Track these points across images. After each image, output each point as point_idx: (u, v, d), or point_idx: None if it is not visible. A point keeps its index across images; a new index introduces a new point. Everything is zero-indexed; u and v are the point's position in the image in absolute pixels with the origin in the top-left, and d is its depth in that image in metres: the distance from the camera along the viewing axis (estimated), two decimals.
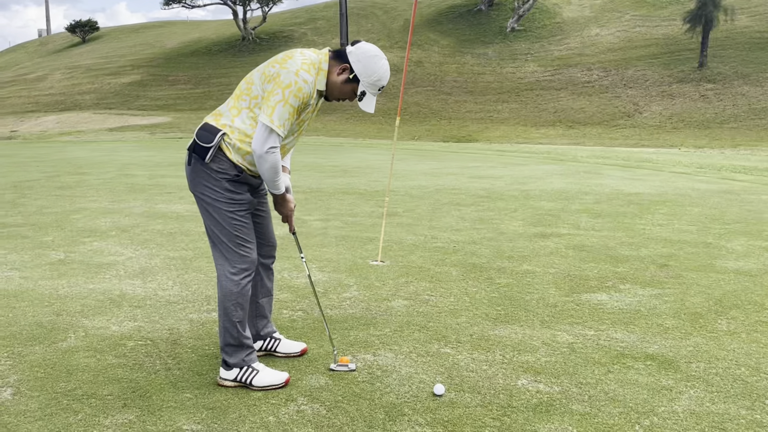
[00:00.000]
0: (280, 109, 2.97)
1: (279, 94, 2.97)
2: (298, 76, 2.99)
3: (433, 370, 3.43)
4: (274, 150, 3.01)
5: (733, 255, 5.77)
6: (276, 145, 3.01)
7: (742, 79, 31.83)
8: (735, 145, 23.65)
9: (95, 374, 3.36)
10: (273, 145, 3.00)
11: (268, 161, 3.02)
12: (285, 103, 2.97)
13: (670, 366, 3.47)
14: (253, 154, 3.02)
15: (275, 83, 2.99)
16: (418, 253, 5.91)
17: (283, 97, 2.97)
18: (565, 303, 4.50)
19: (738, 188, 10.01)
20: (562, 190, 9.83)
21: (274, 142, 3.00)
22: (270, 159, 3.02)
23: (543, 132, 30.54)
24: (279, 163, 3.08)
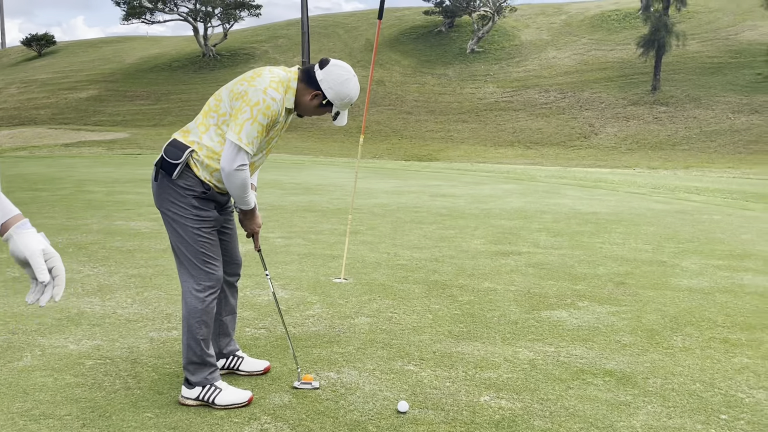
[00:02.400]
0: (248, 127, 2.98)
1: (247, 112, 2.98)
2: (266, 94, 3.01)
3: (396, 388, 3.45)
4: (243, 167, 3.01)
5: (686, 273, 5.93)
6: (245, 163, 3.02)
7: (694, 102, 32.84)
8: (687, 167, 24.33)
9: (53, 394, 3.29)
10: (242, 163, 3.00)
11: (238, 178, 3.03)
12: (253, 121, 2.98)
13: (628, 382, 3.55)
14: (222, 171, 3.02)
15: (243, 101, 3.00)
16: (381, 270, 5.94)
17: (252, 115, 2.98)
18: (525, 320, 4.57)
19: (691, 208, 10.30)
20: (521, 209, 9.98)
21: (242, 159, 3.00)
22: (239, 176, 3.02)
23: (502, 152, 30.98)
24: (248, 180, 3.09)
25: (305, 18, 40.20)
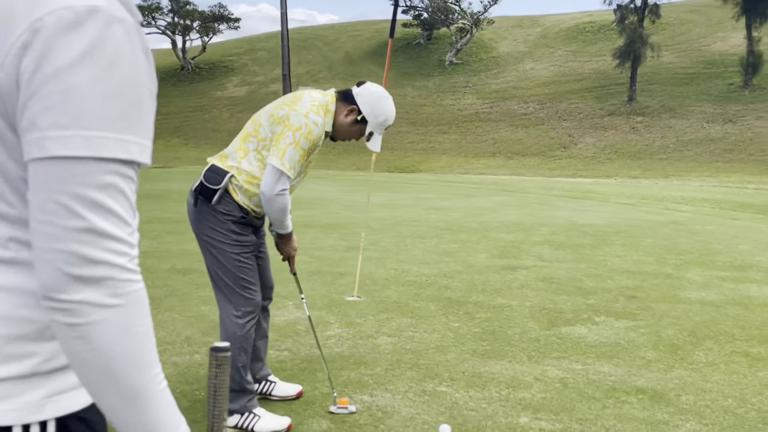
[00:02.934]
0: (291, 151, 2.96)
1: (290, 137, 2.96)
2: (308, 119, 2.99)
3: (433, 410, 3.43)
4: (284, 192, 3.00)
5: (693, 286, 6.00)
6: (286, 188, 3.00)
7: (669, 112, 33.39)
8: (666, 176, 24.69)
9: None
10: (283, 188, 2.98)
11: (279, 203, 3.01)
12: (296, 145, 2.97)
13: (661, 399, 3.57)
14: (262, 196, 3.00)
15: (285, 126, 2.98)
16: (393, 287, 5.93)
17: (294, 140, 2.96)
18: (547, 337, 4.58)
19: (683, 219, 10.44)
20: (518, 221, 10.04)
21: (284, 184, 2.98)
22: (280, 201, 3.01)
23: (483, 162, 31.20)
24: (288, 205, 3.07)
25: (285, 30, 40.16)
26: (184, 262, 6.89)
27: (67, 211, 0.81)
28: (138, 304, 0.86)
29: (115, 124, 0.83)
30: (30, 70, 0.81)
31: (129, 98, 0.85)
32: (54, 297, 0.82)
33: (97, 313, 0.82)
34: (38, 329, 0.92)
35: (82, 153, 0.81)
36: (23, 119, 0.82)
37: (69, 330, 0.82)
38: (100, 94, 0.82)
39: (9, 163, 0.87)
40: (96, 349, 0.83)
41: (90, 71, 0.81)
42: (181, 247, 7.76)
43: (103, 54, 0.82)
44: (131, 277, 0.85)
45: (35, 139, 0.81)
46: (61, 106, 0.80)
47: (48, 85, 0.80)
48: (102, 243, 0.82)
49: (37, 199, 0.82)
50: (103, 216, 0.82)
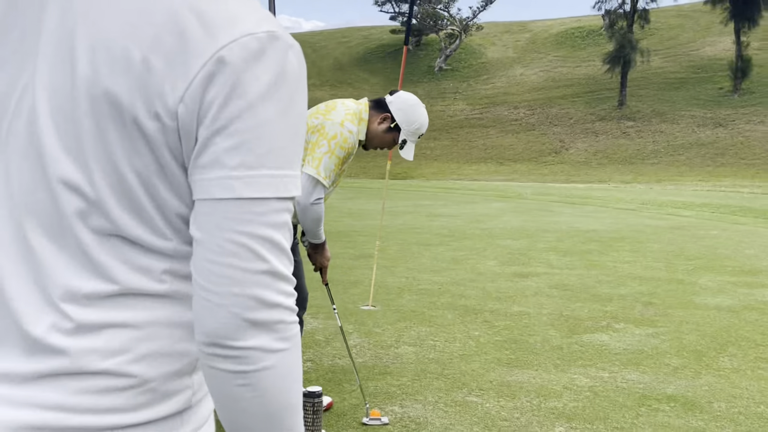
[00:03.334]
0: (326, 160, 2.93)
1: (325, 146, 2.93)
2: (343, 127, 2.96)
3: (466, 421, 3.40)
4: (319, 201, 2.96)
5: (708, 291, 6.01)
6: (321, 197, 2.96)
7: (660, 117, 33.62)
8: (659, 180, 24.83)
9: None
10: (318, 197, 2.95)
11: (314, 212, 2.97)
12: (331, 154, 2.93)
13: (693, 407, 3.56)
14: (297, 206, 2.96)
15: (320, 134, 2.95)
16: (407, 296, 5.89)
17: (330, 148, 2.93)
18: (569, 345, 4.56)
19: (686, 224, 10.49)
20: (521, 228, 10.04)
21: (319, 193, 2.95)
22: (315, 210, 2.97)
23: (475, 168, 31.26)
24: (323, 214, 3.03)
25: None
26: None
27: (250, 252, 0.76)
28: (299, 346, 0.83)
29: (294, 162, 0.80)
30: (218, 103, 0.76)
31: (302, 131, 0.82)
32: (225, 344, 0.77)
33: (268, 359, 0.78)
34: (191, 362, 0.88)
35: (268, 194, 0.77)
36: (205, 155, 0.77)
37: (235, 378, 0.78)
38: (284, 130, 0.79)
39: (172, 200, 0.82)
40: (262, 396, 0.79)
41: (277, 105, 0.78)
42: None
43: (286, 85, 0.79)
44: (296, 318, 0.82)
45: (220, 178, 0.76)
46: (250, 144, 0.76)
47: (238, 120, 0.76)
48: (278, 285, 0.78)
49: (214, 240, 0.77)
50: (279, 257, 0.78)
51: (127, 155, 0.79)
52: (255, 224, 0.77)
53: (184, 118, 0.77)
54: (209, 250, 0.77)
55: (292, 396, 0.82)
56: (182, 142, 0.78)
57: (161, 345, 0.85)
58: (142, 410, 0.83)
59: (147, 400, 0.83)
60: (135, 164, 0.80)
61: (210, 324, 0.78)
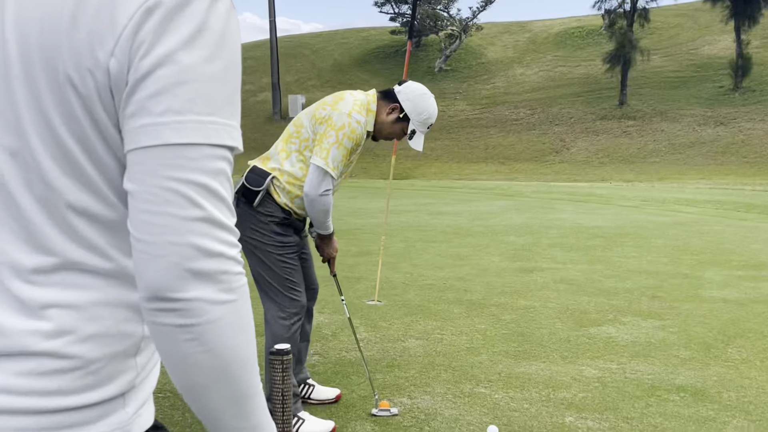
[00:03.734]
0: (334, 151, 2.92)
1: (333, 136, 2.92)
2: (351, 118, 2.95)
3: (476, 411, 3.39)
4: (327, 192, 2.96)
5: (713, 285, 5.99)
6: (330, 188, 2.96)
7: (660, 116, 33.58)
8: (660, 179, 24.80)
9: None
10: (327, 188, 2.95)
11: (322, 204, 2.97)
12: (339, 145, 2.93)
13: (703, 397, 3.55)
14: (306, 197, 2.95)
15: (328, 125, 2.94)
16: (412, 291, 5.88)
17: (337, 139, 2.92)
18: (577, 337, 4.55)
19: (689, 220, 10.46)
20: (524, 224, 10.02)
21: (327, 184, 2.94)
22: (323, 202, 2.97)
23: (476, 168, 31.23)
24: (331, 206, 3.03)
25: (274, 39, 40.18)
26: None
27: (184, 199, 0.74)
28: (247, 298, 0.81)
29: (224, 109, 0.78)
30: (142, 52, 0.75)
31: (234, 80, 0.80)
32: (166, 296, 0.74)
33: (213, 311, 0.75)
34: (136, 342, 0.86)
35: (197, 140, 0.75)
36: (130, 104, 0.75)
37: (180, 332, 0.75)
38: (212, 77, 0.77)
39: (112, 162, 0.80)
40: (211, 350, 0.76)
41: (202, 52, 0.76)
42: None
43: (212, 33, 0.77)
44: (241, 269, 0.79)
45: (146, 126, 0.74)
46: (175, 90, 0.75)
47: (161, 68, 0.74)
48: (218, 234, 0.76)
49: (146, 189, 0.74)
50: (217, 204, 0.76)
51: (63, 118, 0.77)
52: (187, 170, 0.75)
53: (116, 72, 0.76)
54: (142, 200, 0.75)
55: (244, 350, 0.79)
56: (114, 97, 0.77)
57: (106, 326, 0.83)
58: (86, 392, 0.81)
59: (91, 382, 0.81)
60: (72, 127, 0.78)
61: (150, 276, 0.75)
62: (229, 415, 0.81)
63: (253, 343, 0.81)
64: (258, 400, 0.83)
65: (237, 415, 0.81)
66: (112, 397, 0.83)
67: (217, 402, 0.80)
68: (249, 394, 0.82)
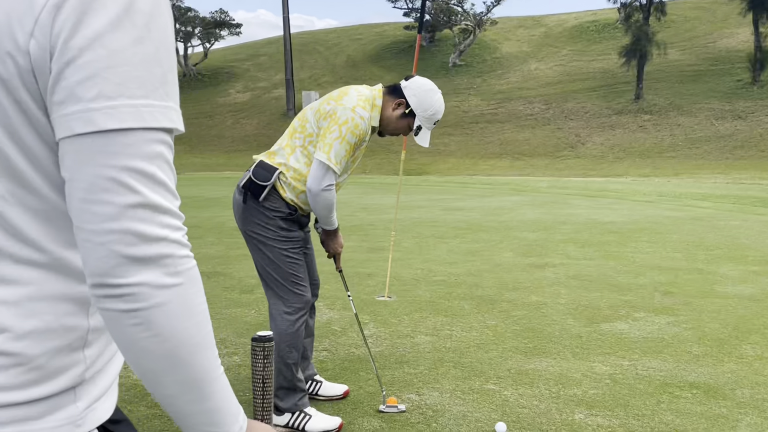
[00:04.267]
0: (337, 146, 2.90)
1: (336, 132, 2.90)
2: (354, 113, 2.93)
3: (484, 408, 3.36)
4: (330, 188, 2.93)
5: (728, 281, 5.91)
6: (332, 183, 2.94)
7: (677, 110, 33.26)
8: (677, 173, 24.57)
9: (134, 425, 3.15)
10: (329, 183, 2.92)
11: (325, 199, 2.95)
12: (342, 140, 2.90)
13: (716, 394, 3.49)
14: (309, 192, 2.93)
15: (331, 120, 2.92)
16: (422, 287, 5.85)
17: (341, 134, 2.90)
18: (588, 333, 4.50)
19: (705, 215, 10.34)
20: (538, 220, 9.96)
21: (330, 179, 2.92)
22: (326, 197, 2.94)
23: (491, 164, 31.11)
24: (334, 201, 3.01)
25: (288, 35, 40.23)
26: (207, 266, 6.83)
27: (120, 185, 0.73)
28: (196, 281, 0.79)
29: (158, 91, 0.76)
30: (65, 35, 0.72)
31: (167, 61, 0.78)
32: (109, 283, 0.74)
33: (158, 296, 0.75)
34: (81, 336, 0.84)
35: (132, 124, 0.73)
36: (58, 90, 0.73)
37: (127, 317, 0.75)
38: (142, 59, 0.75)
39: (42, 150, 0.78)
40: (158, 335, 0.75)
41: (131, 33, 0.74)
42: (201, 251, 7.70)
43: (140, 14, 0.75)
44: (187, 252, 0.78)
45: (78, 112, 0.72)
46: (104, 74, 0.72)
47: (88, 51, 0.72)
48: (158, 218, 0.75)
49: (82, 177, 0.73)
50: (156, 189, 0.75)
51: None
52: (123, 156, 0.73)
53: (37, 54, 0.73)
54: (79, 188, 0.74)
55: (194, 334, 0.78)
56: (38, 81, 0.74)
57: (46, 321, 0.81)
58: (30, 388, 0.80)
59: (35, 378, 0.80)
60: None
61: (93, 264, 0.74)
62: (185, 399, 0.80)
63: (205, 326, 0.80)
64: (216, 383, 0.81)
65: (193, 400, 0.80)
66: (59, 392, 0.82)
67: (171, 387, 0.79)
68: (204, 378, 0.80)
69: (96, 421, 0.87)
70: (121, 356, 0.93)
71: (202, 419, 0.81)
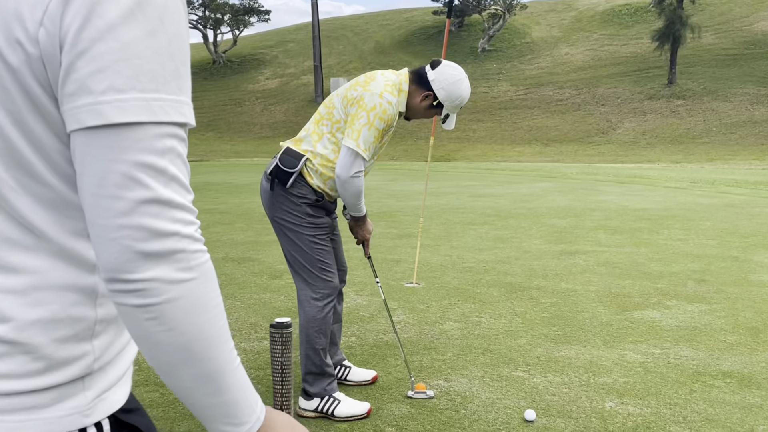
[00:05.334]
0: (365, 132, 2.89)
1: (364, 117, 2.89)
2: (382, 98, 2.91)
3: (513, 395, 3.34)
4: (359, 174, 2.93)
5: (764, 269, 5.80)
6: (361, 170, 2.93)
7: (711, 95, 32.60)
8: (710, 160, 24.13)
9: (164, 410, 3.20)
10: (358, 170, 2.92)
11: (353, 186, 2.95)
12: (371, 126, 2.89)
13: (751, 383, 3.43)
14: (337, 179, 2.93)
15: (359, 106, 2.91)
16: (451, 274, 5.83)
17: (369, 120, 2.89)
18: (619, 321, 4.45)
19: (739, 202, 10.15)
20: (568, 207, 9.86)
21: (359, 166, 2.92)
22: (355, 183, 2.94)
23: (520, 150, 30.85)
24: (363, 188, 3.01)
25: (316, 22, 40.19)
26: (237, 251, 6.89)
27: (131, 180, 0.72)
28: (209, 275, 0.79)
29: (170, 85, 0.75)
30: (76, 26, 0.71)
31: (180, 54, 0.77)
32: (122, 278, 0.74)
33: (171, 291, 0.75)
34: (89, 326, 0.84)
35: (143, 118, 0.73)
36: (69, 82, 0.72)
37: (141, 312, 0.75)
38: (155, 52, 0.74)
39: (50, 139, 0.77)
40: (173, 329, 0.76)
41: (143, 26, 0.73)
42: (231, 237, 7.77)
43: (153, 6, 0.74)
44: (200, 247, 0.77)
45: (88, 105, 0.72)
46: (116, 66, 0.72)
47: (100, 43, 0.71)
48: (170, 213, 0.75)
49: (93, 171, 0.73)
50: (168, 184, 0.75)
51: None
52: (133, 151, 0.73)
53: (46, 43, 0.72)
54: (91, 182, 0.73)
55: (209, 327, 0.78)
56: (48, 70, 0.74)
57: (52, 310, 0.81)
58: (35, 377, 0.80)
59: (41, 367, 0.80)
60: (4, 102, 0.75)
61: (105, 259, 0.74)
62: (202, 392, 0.80)
63: (219, 319, 0.80)
64: (232, 376, 0.82)
65: (210, 392, 0.80)
66: (66, 382, 0.82)
67: (187, 380, 0.79)
68: (221, 370, 0.80)
69: (106, 411, 0.86)
70: (134, 346, 0.94)
71: (219, 411, 0.82)
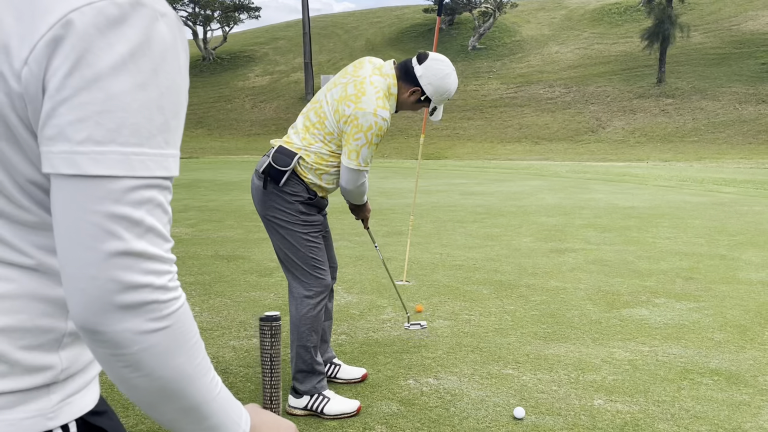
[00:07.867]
0: (365, 151, 2.97)
1: (362, 138, 2.92)
2: (377, 116, 2.91)
3: (503, 393, 3.35)
4: (363, 183, 3.13)
5: (751, 267, 5.84)
6: (364, 180, 3.12)
7: (700, 93, 32.79)
8: (699, 158, 24.27)
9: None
10: (363, 181, 3.11)
11: (359, 192, 3.16)
12: (369, 144, 2.96)
13: (738, 381, 3.46)
14: (343, 191, 3.11)
15: (354, 127, 2.91)
16: (441, 272, 5.84)
17: (367, 140, 2.94)
18: (608, 319, 4.47)
19: (728, 200, 10.22)
20: (557, 205, 9.89)
21: (363, 177, 3.09)
22: (360, 190, 3.15)
23: (510, 148, 30.92)
24: (366, 189, 3.20)
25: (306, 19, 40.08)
26: (226, 249, 6.87)
27: (104, 232, 0.71)
28: (183, 320, 0.78)
29: (155, 139, 0.74)
30: (63, 71, 0.70)
31: (171, 107, 0.76)
32: (93, 329, 0.73)
33: (144, 341, 0.74)
34: (57, 338, 0.84)
35: (118, 172, 0.71)
36: (49, 126, 0.71)
37: (114, 360, 0.74)
38: (142, 105, 0.72)
39: (26, 167, 0.76)
40: (148, 375, 0.75)
41: (134, 78, 0.71)
42: (220, 234, 7.75)
43: (148, 57, 0.72)
44: (173, 295, 0.76)
45: (64, 152, 0.71)
46: (98, 118, 0.70)
47: (85, 92, 0.70)
48: (143, 265, 0.73)
49: (67, 219, 0.72)
50: (143, 235, 0.73)
51: None
52: (107, 202, 0.71)
53: (29, 82, 0.71)
54: (63, 228, 0.73)
55: (186, 367, 0.77)
56: (28, 108, 0.73)
57: (19, 319, 0.80)
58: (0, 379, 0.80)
59: (4, 371, 0.80)
60: None
61: (76, 310, 0.73)
62: (185, 422, 0.81)
63: (196, 356, 0.79)
64: (214, 403, 0.82)
65: (193, 421, 0.81)
66: (29, 389, 0.82)
67: (169, 413, 0.79)
68: (203, 401, 0.80)
69: (72, 414, 0.86)
70: None
71: None
